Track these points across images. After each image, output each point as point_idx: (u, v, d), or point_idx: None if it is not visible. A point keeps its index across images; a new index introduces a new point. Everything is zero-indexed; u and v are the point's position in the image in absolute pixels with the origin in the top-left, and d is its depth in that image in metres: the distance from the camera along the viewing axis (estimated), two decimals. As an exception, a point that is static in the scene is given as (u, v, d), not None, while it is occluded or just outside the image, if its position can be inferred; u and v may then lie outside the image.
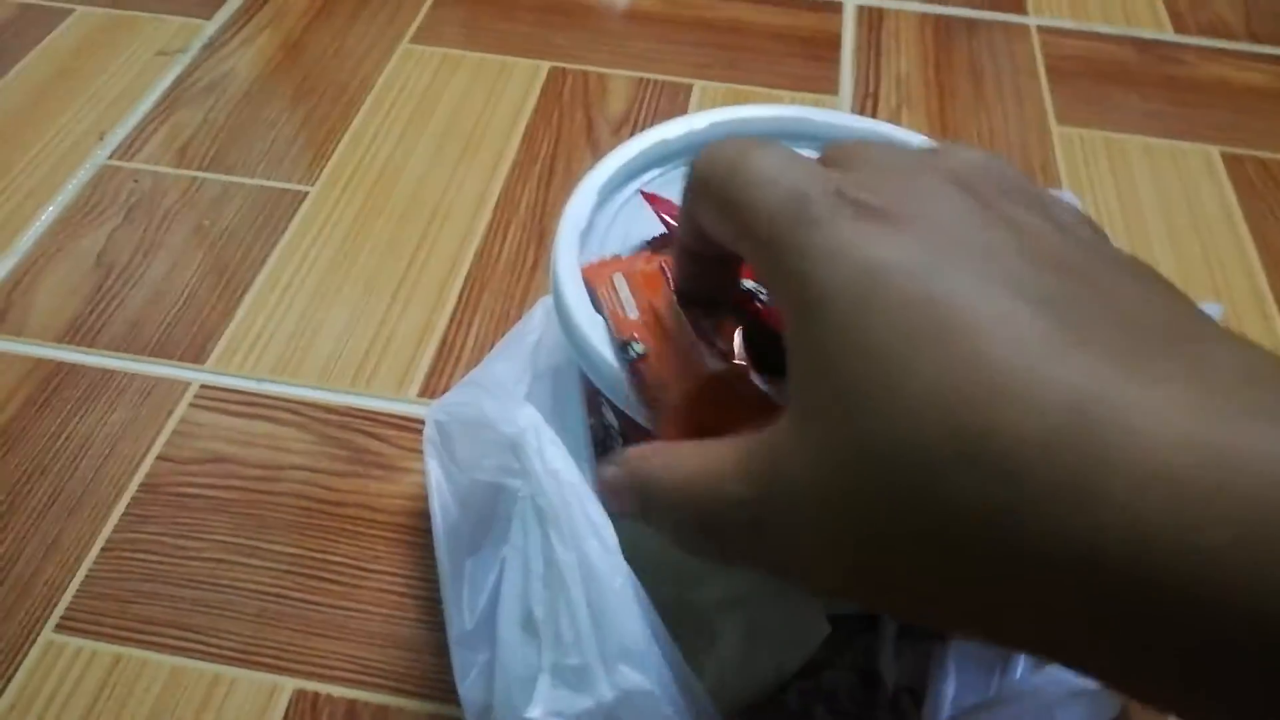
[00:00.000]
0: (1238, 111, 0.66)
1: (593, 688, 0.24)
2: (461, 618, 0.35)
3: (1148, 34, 0.72)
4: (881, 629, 0.35)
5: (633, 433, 0.31)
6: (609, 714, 0.24)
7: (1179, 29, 0.72)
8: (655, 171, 0.37)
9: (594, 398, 0.32)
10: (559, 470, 0.26)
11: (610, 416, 0.32)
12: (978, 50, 0.69)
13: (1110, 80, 0.67)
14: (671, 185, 0.37)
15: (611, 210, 0.36)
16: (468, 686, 0.34)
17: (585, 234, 0.34)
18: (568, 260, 0.32)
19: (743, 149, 0.24)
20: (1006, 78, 0.67)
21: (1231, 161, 0.62)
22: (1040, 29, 0.71)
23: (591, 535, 0.25)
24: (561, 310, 0.32)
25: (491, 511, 0.36)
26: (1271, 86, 0.68)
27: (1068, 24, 0.72)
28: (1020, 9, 0.73)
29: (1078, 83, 0.67)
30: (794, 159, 0.23)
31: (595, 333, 0.30)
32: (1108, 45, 0.70)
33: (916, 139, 0.37)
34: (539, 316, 0.39)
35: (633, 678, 0.24)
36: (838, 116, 0.38)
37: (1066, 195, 0.40)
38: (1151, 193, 0.60)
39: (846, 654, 0.26)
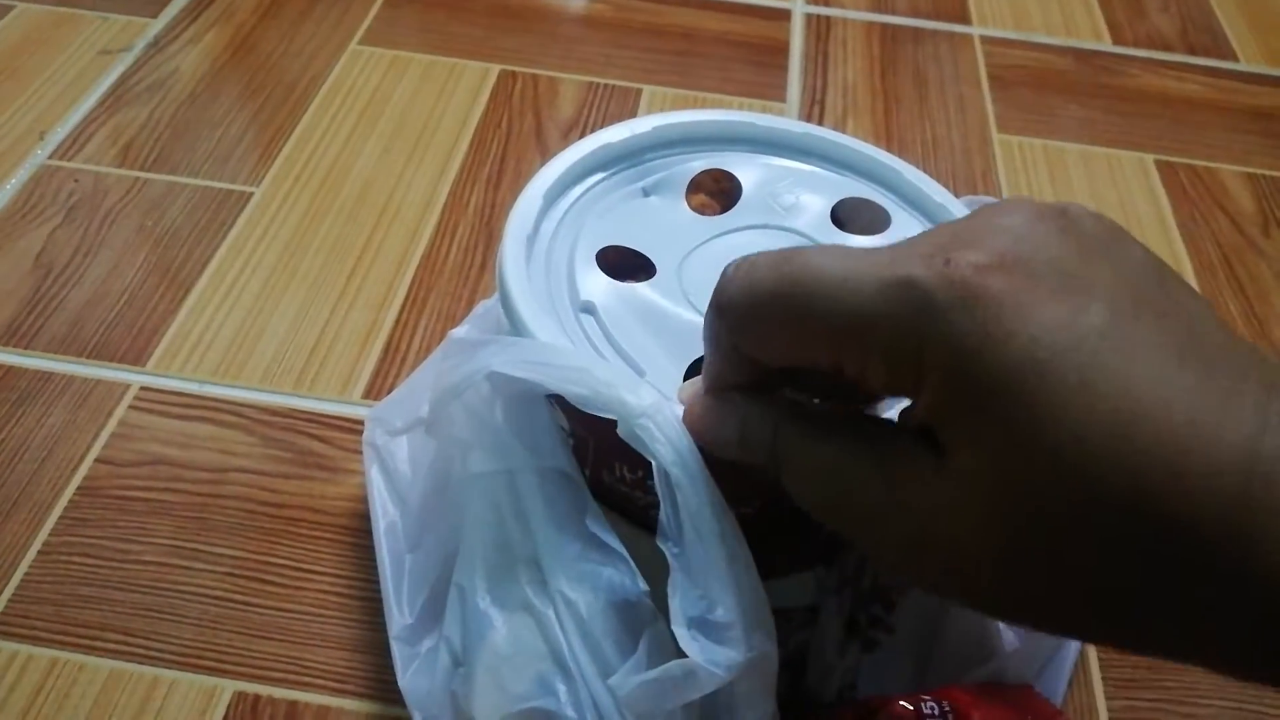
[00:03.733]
0: (1173, 120, 0.67)
1: (736, 645, 0.26)
2: (402, 613, 0.35)
3: (1087, 45, 0.73)
4: (824, 625, 0.36)
5: (584, 433, 0.32)
6: (746, 670, 0.26)
7: (1118, 40, 0.74)
8: (600, 175, 0.37)
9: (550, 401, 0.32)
10: (691, 446, 0.27)
11: (562, 418, 0.32)
12: (923, 59, 0.70)
13: (1050, 89, 0.69)
14: (617, 189, 0.37)
15: (557, 216, 0.36)
16: (409, 679, 0.34)
17: (531, 240, 0.34)
18: (515, 269, 0.33)
19: (777, 261, 0.23)
20: (950, 86, 0.68)
21: (1165, 169, 0.63)
22: (983, 39, 0.73)
23: (724, 512, 0.27)
24: (511, 317, 0.32)
25: (437, 504, 0.36)
26: (1206, 96, 0.70)
27: (1010, 34, 0.73)
28: (965, 19, 0.74)
29: (1019, 91, 0.68)
30: (849, 251, 0.22)
31: (544, 337, 0.31)
32: (1048, 55, 0.72)
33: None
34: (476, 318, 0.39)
35: (765, 644, 0.26)
36: (782, 122, 0.39)
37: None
38: (1088, 198, 0.61)
39: (781, 648, 0.27)
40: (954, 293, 0.20)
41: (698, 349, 0.32)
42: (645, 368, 0.31)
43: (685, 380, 0.31)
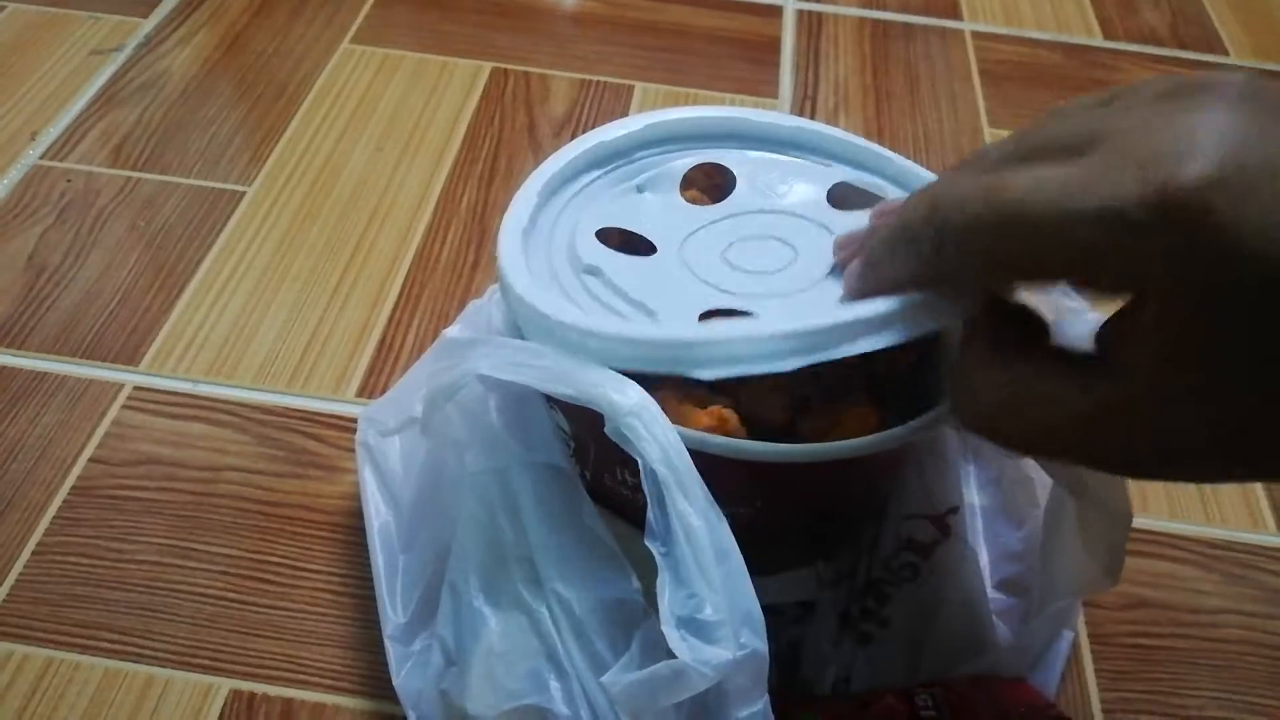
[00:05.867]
0: (1163, 115, 0.67)
1: (725, 643, 0.26)
2: (395, 613, 0.35)
3: (1078, 39, 0.73)
4: (820, 619, 0.36)
5: (585, 437, 0.32)
6: (735, 669, 0.26)
7: (1108, 35, 0.74)
8: (595, 173, 0.37)
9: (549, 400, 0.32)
10: (678, 445, 0.27)
11: (562, 420, 0.32)
12: (914, 55, 0.71)
13: (1040, 84, 0.69)
14: (611, 187, 0.37)
15: (553, 212, 0.36)
16: (403, 678, 0.34)
17: (528, 233, 0.34)
18: (512, 248, 0.33)
19: (987, 193, 0.24)
20: (941, 81, 0.68)
21: (1157, 164, 0.63)
22: (974, 34, 0.73)
23: (711, 510, 0.27)
24: (514, 307, 0.32)
25: (430, 504, 0.36)
26: (1195, 91, 0.70)
27: (1001, 29, 0.74)
28: (955, 14, 0.75)
29: (1010, 86, 0.69)
30: (1052, 176, 0.23)
31: (541, 304, 0.31)
32: (1039, 50, 0.72)
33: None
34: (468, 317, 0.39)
35: (754, 641, 0.26)
36: (773, 116, 0.39)
37: None
38: (1080, 194, 0.61)
39: (772, 645, 0.27)
40: (1176, 219, 0.21)
41: (707, 305, 0.32)
42: (656, 309, 0.31)
43: (699, 319, 0.31)
